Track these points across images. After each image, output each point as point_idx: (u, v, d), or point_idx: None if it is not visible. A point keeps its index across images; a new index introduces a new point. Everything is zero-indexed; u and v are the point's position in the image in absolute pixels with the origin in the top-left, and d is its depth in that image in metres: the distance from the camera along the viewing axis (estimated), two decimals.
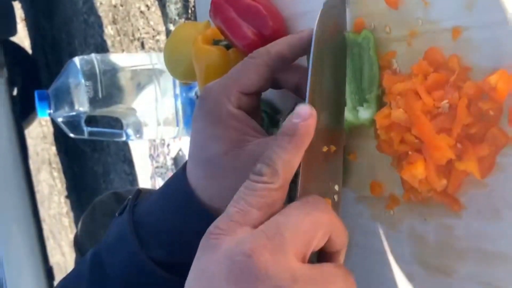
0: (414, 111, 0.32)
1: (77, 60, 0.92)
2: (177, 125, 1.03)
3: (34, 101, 0.94)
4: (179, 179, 0.38)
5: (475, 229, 0.32)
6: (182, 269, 0.37)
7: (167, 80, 1.05)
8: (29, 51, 3.00)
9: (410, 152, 0.34)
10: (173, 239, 0.38)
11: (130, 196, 0.41)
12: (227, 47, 0.52)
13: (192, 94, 1.04)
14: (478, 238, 0.32)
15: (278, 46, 0.38)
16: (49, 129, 2.57)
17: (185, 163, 0.40)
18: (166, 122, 1.03)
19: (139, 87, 1.02)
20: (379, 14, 0.37)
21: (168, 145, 1.31)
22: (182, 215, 0.37)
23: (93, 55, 0.92)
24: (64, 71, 0.94)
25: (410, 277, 0.37)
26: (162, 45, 1.23)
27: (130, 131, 1.02)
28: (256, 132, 0.37)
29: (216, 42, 0.54)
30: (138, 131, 1.04)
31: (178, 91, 1.05)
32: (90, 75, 0.90)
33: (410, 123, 0.33)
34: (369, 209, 0.40)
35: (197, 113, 0.38)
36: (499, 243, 0.30)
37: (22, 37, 3.06)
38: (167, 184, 0.41)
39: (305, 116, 0.31)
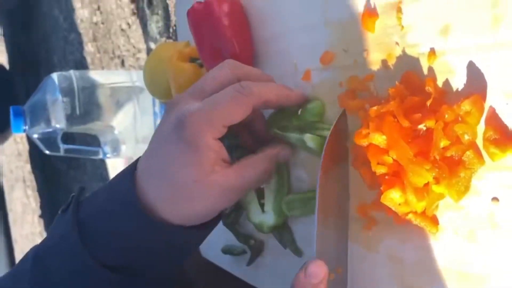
0: (392, 133, 0.32)
1: (55, 76, 0.90)
2: None
3: (8, 117, 0.92)
4: (129, 189, 0.37)
5: (453, 250, 0.32)
6: (129, 270, 0.37)
7: (147, 98, 1.04)
8: (6, 66, 2.95)
9: (386, 177, 0.34)
10: (121, 245, 0.37)
11: (73, 194, 0.40)
12: (202, 65, 0.52)
13: None
14: (455, 259, 0.32)
15: (269, 94, 0.39)
16: (24, 146, 2.52)
17: (133, 167, 0.39)
18: (144, 140, 1.02)
19: (118, 105, 1.01)
20: (357, 39, 0.38)
21: None
22: (133, 224, 0.37)
23: (71, 72, 0.91)
24: (41, 87, 0.93)
25: None
26: (143, 63, 1.22)
27: (107, 148, 1.00)
28: (225, 162, 0.38)
29: (192, 60, 0.54)
30: (116, 148, 1.03)
31: (157, 109, 1.05)
32: (68, 91, 0.88)
33: (388, 145, 0.33)
34: None
35: (171, 134, 0.37)
36: (476, 265, 0.31)
37: None
38: (114, 188, 0.39)
39: (321, 276, 0.32)
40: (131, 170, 0.39)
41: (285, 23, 0.45)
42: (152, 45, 1.14)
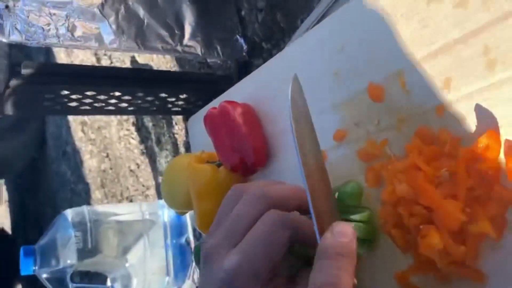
0: (417, 182, 0.33)
1: (68, 212, 0.92)
2: (167, 275, 0.99)
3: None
4: None
5: None
6: None
7: (157, 230, 1.05)
8: (9, 231, 2.95)
9: (421, 226, 0.34)
10: None
11: None
12: (219, 165, 0.55)
13: (183, 240, 1.02)
14: None
15: (302, 224, 0.36)
16: None
17: None
18: (155, 272, 0.99)
19: (129, 238, 1.00)
20: (366, 111, 0.41)
21: None
22: None
23: (84, 207, 0.93)
24: (53, 225, 0.93)
25: None
26: (152, 199, 1.25)
27: (117, 285, 0.97)
28: (288, 284, 0.35)
29: (209, 163, 0.57)
30: (126, 286, 0.99)
31: (169, 241, 1.04)
32: (80, 226, 0.89)
33: (416, 195, 0.34)
34: None
35: None
36: None
37: (2, 217, 3.03)
38: None
39: (350, 234, 0.31)
40: None
41: (287, 120, 0.49)
42: (161, 179, 1.18)
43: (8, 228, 3.00)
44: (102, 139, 1.57)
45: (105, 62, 1.39)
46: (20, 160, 2.31)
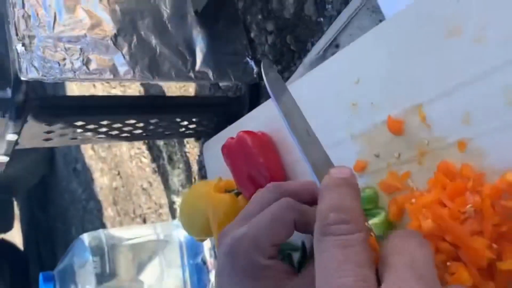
0: (443, 218, 0.34)
1: (85, 236, 0.93)
2: None
3: None
4: None
5: None
6: None
7: (173, 250, 1.05)
8: (21, 246, 2.96)
9: (448, 263, 0.34)
10: None
11: None
12: (238, 194, 0.56)
13: (199, 260, 1.03)
14: None
15: (307, 210, 0.39)
16: None
17: None
18: None
19: (145, 260, 1.01)
20: (387, 143, 0.41)
21: None
22: None
23: (100, 231, 0.94)
24: (70, 249, 0.94)
25: None
26: (165, 218, 1.26)
27: None
28: (289, 274, 0.37)
29: (228, 191, 0.58)
30: None
31: (185, 260, 1.05)
32: (97, 251, 0.89)
33: (441, 231, 0.34)
34: None
35: (225, 269, 0.37)
36: None
37: (13, 233, 3.06)
38: None
39: (348, 170, 0.31)
40: None
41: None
42: (175, 198, 1.18)
43: (20, 243, 3.02)
44: (113, 157, 1.58)
45: (118, 89, 1.40)
46: (31, 178, 2.33)
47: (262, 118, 0.58)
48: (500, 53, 0.33)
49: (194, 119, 0.79)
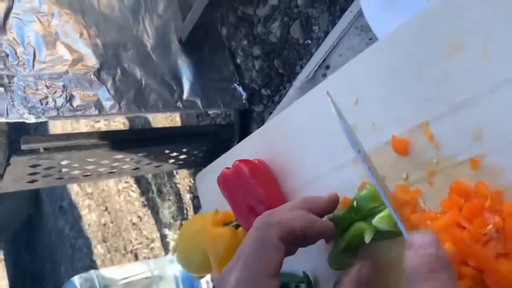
0: (464, 241, 0.32)
1: (75, 279, 0.88)
2: None
3: None
4: None
5: None
6: None
7: (168, 285, 1.01)
8: None
9: None
10: None
11: None
12: (237, 226, 0.53)
13: None
14: None
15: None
16: None
17: None
18: None
19: None
20: (393, 164, 0.40)
21: None
22: None
23: (92, 272, 0.89)
24: None
25: None
26: (158, 252, 1.21)
27: None
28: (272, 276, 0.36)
29: (226, 224, 0.55)
30: None
31: None
32: None
33: (463, 255, 0.32)
34: None
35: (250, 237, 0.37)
36: None
37: None
38: None
39: (432, 241, 0.29)
40: None
41: (312, 171, 0.48)
42: (166, 231, 1.14)
43: (5, 287, 2.90)
44: (100, 193, 1.54)
45: (102, 123, 1.37)
46: (16, 220, 2.26)
47: (257, 145, 0.56)
48: (508, 66, 0.32)
49: (183, 150, 0.77)
